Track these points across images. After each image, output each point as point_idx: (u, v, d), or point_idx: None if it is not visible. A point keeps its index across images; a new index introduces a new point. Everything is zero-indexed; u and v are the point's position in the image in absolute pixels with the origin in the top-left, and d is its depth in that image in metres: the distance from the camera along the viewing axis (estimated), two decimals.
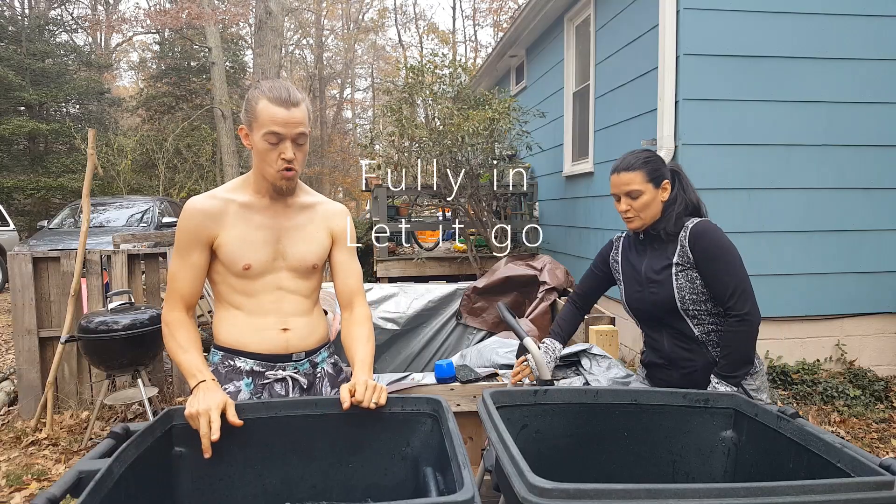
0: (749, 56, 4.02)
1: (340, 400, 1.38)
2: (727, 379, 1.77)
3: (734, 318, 1.77)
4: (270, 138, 1.54)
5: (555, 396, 1.55)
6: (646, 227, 1.90)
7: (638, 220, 1.89)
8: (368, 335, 1.70)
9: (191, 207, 1.60)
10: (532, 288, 3.88)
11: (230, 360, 1.67)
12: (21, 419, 3.82)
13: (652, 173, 1.87)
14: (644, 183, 1.86)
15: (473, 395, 2.38)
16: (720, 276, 1.78)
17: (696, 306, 1.83)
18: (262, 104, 1.54)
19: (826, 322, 4.22)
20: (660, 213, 1.89)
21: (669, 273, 1.84)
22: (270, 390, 1.68)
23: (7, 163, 15.52)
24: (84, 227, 3.77)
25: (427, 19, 39.27)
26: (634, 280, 1.95)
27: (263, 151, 1.56)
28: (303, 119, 1.56)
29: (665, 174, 1.90)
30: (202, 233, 1.60)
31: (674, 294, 1.83)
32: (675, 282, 1.83)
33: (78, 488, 1.03)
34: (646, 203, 1.87)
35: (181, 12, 15.43)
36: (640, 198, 1.87)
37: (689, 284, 1.82)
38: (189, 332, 1.59)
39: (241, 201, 1.65)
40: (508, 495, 1.13)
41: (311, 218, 1.73)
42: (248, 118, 1.58)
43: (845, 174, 4.14)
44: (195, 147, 15.93)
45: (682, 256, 1.83)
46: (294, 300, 1.69)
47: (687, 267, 1.82)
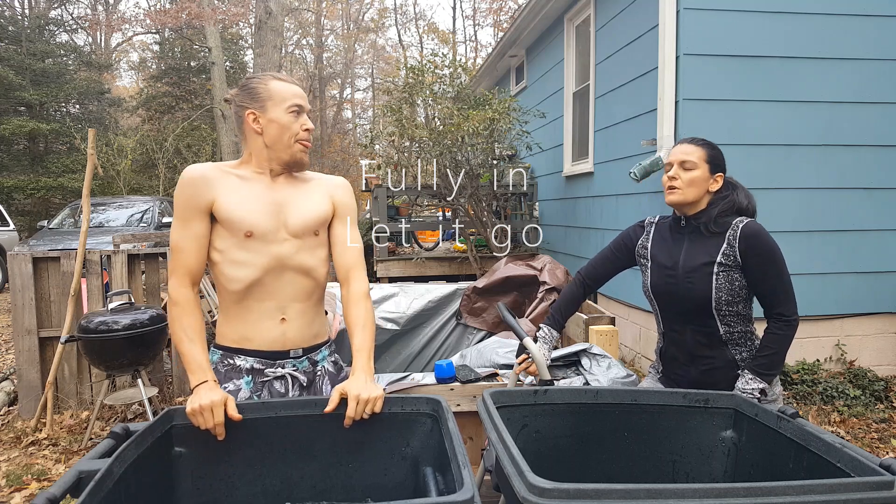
0: (749, 56, 4.02)
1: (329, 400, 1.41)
2: (763, 376, 1.77)
3: (782, 322, 1.77)
4: (294, 109, 1.65)
5: (555, 396, 1.55)
6: (682, 206, 1.88)
7: (679, 193, 1.87)
8: (366, 319, 1.67)
9: (187, 174, 1.61)
10: (532, 288, 3.88)
11: (229, 358, 1.67)
12: (21, 419, 3.82)
13: (712, 158, 1.88)
14: (701, 161, 1.86)
15: (473, 395, 2.38)
16: (770, 279, 1.78)
17: (730, 307, 1.81)
18: (274, 83, 1.65)
19: (826, 322, 4.22)
20: (702, 200, 1.87)
21: (710, 270, 1.81)
22: (270, 388, 1.68)
23: (7, 163, 15.53)
24: (84, 227, 3.77)
25: (427, 19, 39.30)
26: (667, 268, 1.90)
27: (286, 125, 1.64)
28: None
29: (723, 168, 1.90)
30: (201, 199, 1.60)
31: (711, 292, 1.80)
32: (714, 280, 1.80)
33: (78, 488, 1.03)
34: (694, 179, 1.85)
35: (181, 12, 15.43)
36: (691, 171, 1.86)
37: (728, 285, 1.80)
38: (195, 318, 1.58)
39: (238, 174, 1.67)
40: (508, 495, 1.13)
41: (312, 188, 1.75)
42: (261, 100, 1.65)
43: (845, 174, 4.14)
44: (195, 147, 15.94)
45: (729, 256, 1.80)
46: (296, 279, 1.67)
47: (731, 267, 1.79)
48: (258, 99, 1.64)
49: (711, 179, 1.87)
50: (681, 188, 1.86)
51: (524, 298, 3.97)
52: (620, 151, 4.98)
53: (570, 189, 6.32)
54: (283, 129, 1.64)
